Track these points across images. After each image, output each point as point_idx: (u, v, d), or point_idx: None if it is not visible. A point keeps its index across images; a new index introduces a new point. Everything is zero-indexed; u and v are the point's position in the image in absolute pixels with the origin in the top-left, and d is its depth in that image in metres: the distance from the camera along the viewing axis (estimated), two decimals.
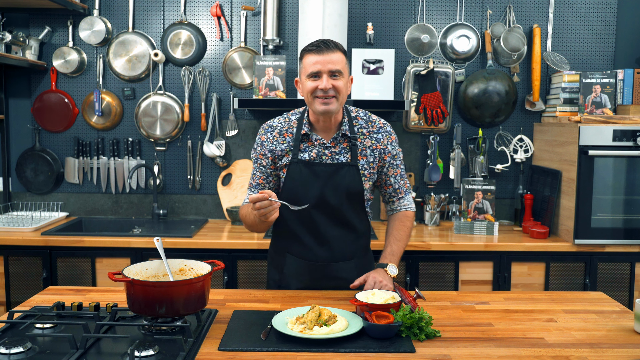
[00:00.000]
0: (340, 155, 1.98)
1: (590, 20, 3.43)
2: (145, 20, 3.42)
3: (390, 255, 2.02)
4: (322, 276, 2.04)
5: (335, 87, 1.86)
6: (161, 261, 1.78)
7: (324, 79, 1.85)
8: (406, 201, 2.11)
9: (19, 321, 1.63)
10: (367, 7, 3.41)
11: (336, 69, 1.86)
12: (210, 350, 1.51)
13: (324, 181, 1.95)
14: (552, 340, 1.62)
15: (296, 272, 2.06)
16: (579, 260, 2.95)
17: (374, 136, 2.00)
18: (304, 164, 1.96)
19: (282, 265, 2.10)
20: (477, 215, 3.14)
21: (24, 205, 3.45)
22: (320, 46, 1.87)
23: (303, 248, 2.03)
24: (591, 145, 2.88)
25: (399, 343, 1.56)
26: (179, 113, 3.42)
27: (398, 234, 2.06)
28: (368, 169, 2.00)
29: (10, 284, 2.95)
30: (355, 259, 2.07)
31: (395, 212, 2.12)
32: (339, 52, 1.88)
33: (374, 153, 2.00)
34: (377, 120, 2.04)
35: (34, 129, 3.46)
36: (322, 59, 1.85)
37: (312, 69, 1.86)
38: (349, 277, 2.01)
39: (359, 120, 2.02)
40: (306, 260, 2.04)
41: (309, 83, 1.88)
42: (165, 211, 3.42)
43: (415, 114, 3.36)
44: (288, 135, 1.99)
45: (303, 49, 1.92)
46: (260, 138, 2.03)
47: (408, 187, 2.12)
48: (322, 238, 2.01)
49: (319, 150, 1.97)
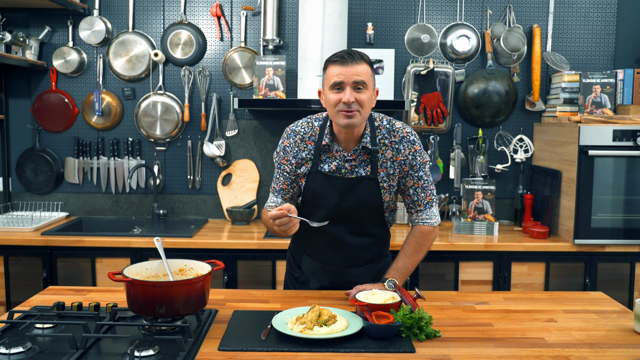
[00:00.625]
0: (360, 168, 1.92)
1: (590, 20, 3.43)
2: (145, 20, 3.42)
3: (394, 270, 1.97)
4: (336, 279, 2.04)
5: (359, 100, 1.79)
6: (161, 261, 1.77)
7: (347, 92, 1.78)
8: (425, 215, 2.00)
9: (19, 321, 1.63)
10: (367, 7, 3.41)
11: (360, 80, 1.78)
12: (210, 350, 1.51)
13: (342, 194, 1.92)
14: (552, 340, 1.62)
15: (312, 272, 2.08)
16: (579, 260, 2.95)
17: (395, 147, 1.92)
18: (323, 176, 1.93)
19: (299, 262, 2.13)
20: (477, 215, 3.14)
21: (24, 205, 3.45)
22: (344, 57, 1.79)
23: (318, 251, 2.03)
24: (591, 145, 2.88)
25: (399, 343, 1.56)
26: (179, 113, 3.42)
27: (409, 250, 2.00)
28: (388, 181, 1.94)
29: (10, 284, 2.95)
30: (369, 265, 2.05)
31: (414, 225, 2.05)
32: (364, 63, 1.81)
33: (394, 165, 1.93)
34: (401, 129, 1.94)
35: (34, 129, 3.46)
36: (346, 70, 1.78)
37: (335, 79, 1.79)
38: (362, 282, 2.00)
39: (382, 130, 1.93)
40: (320, 263, 2.04)
41: (332, 95, 1.81)
42: (165, 211, 3.42)
43: (415, 114, 3.36)
44: (310, 143, 1.95)
45: (327, 60, 1.85)
46: (283, 143, 1.98)
47: (430, 201, 2.00)
48: (337, 245, 2.00)
49: (339, 162, 1.92)
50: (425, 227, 2.01)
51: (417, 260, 2.01)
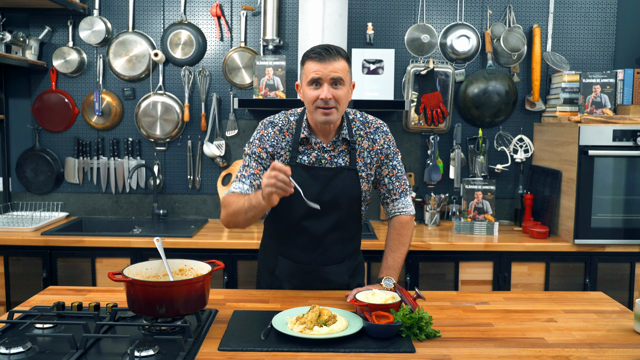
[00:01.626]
0: (339, 158, 1.97)
1: (590, 20, 3.43)
2: (145, 20, 3.42)
3: (386, 269, 1.99)
4: (313, 278, 2.04)
5: (336, 97, 1.83)
6: (161, 261, 1.78)
7: (324, 89, 1.82)
8: (401, 204, 2.06)
9: (19, 321, 1.63)
10: (367, 7, 3.41)
11: (337, 77, 1.83)
12: (210, 350, 1.51)
13: (323, 185, 1.94)
14: (552, 340, 1.62)
15: (288, 274, 2.05)
16: (579, 260, 2.95)
17: (371, 137, 2.00)
18: (303, 168, 1.95)
19: (273, 267, 2.08)
20: (477, 215, 3.14)
21: (24, 205, 3.45)
22: (322, 54, 1.82)
23: (296, 251, 2.02)
24: (591, 145, 2.88)
25: (399, 343, 1.56)
26: (179, 113, 3.42)
27: (393, 245, 2.02)
28: (365, 170, 2.00)
29: (10, 284, 2.95)
30: (346, 262, 2.07)
31: (391, 217, 2.09)
32: (341, 59, 1.85)
33: (370, 154, 2.00)
34: (374, 121, 2.03)
35: (34, 129, 3.46)
36: (324, 67, 1.82)
37: (313, 75, 1.83)
38: (340, 280, 2.04)
39: (356, 122, 2.01)
40: (298, 263, 2.03)
41: (310, 92, 1.86)
42: (165, 211, 3.42)
43: (415, 114, 3.36)
44: (288, 135, 1.98)
45: (304, 54, 1.89)
46: (260, 132, 1.99)
47: (405, 190, 2.07)
48: (315, 242, 2.00)
49: (318, 153, 1.96)
50: (402, 216, 2.06)
51: (404, 252, 2.03)
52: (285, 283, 2.07)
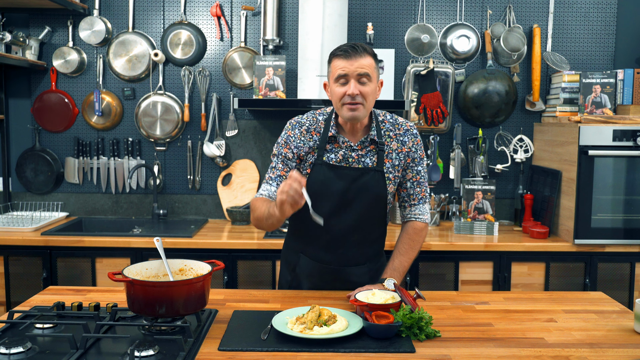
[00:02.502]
0: (367, 158, 1.95)
1: (590, 20, 3.43)
2: (145, 20, 3.42)
3: (391, 270, 1.98)
4: (333, 279, 2.03)
5: (362, 93, 1.83)
6: (161, 261, 1.77)
7: (351, 85, 1.82)
8: (418, 210, 2.05)
9: (19, 321, 1.63)
10: (367, 7, 3.41)
11: (364, 73, 1.83)
12: (210, 350, 1.51)
13: (348, 185, 1.93)
14: (552, 340, 1.62)
15: (308, 273, 2.05)
16: (579, 260, 2.95)
17: (400, 139, 1.98)
18: (329, 167, 1.94)
19: (294, 265, 2.09)
20: (477, 215, 3.14)
21: (24, 205, 3.45)
22: (348, 51, 1.83)
23: (317, 250, 2.02)
24: (591, 145, 2.88)
25: (399, 343, 1.56)
26: (179, 113, 3.42)
27: (403, 248, 2.02)
28: (393, 172, 1.97)
29: (10, 284, 2.95)
30: (368, 264, 2.05)
31: (406, 221, 2.07)
32: (368, 56, 1.85)
33: (399, 156, 1.97)
34: (404, 123, 2.01)
35: (34, 129, 3.46)
36: (350, 63, 1.82)
37: (340, 72, 1.83)
38: (360, 281, 2.01)
39: (386, 123, 1.99)
40: (319, 263, 2.03)
41: (337, 89, 1.85)
42: (165, 211, 3.42)
43: (415, 114, 3.36)
44: (315, 134, 1.97)
45: (331, 53, 1.89)
46: (287, 133, 1.99)
47: (424, 197, 2.05)
48: (337, 242, 1.99)
49: (345, 152, 1.94)
50: (417, 223, 2.05)
51: (412, 257, 2.02)
52: (305, 281, 2.06)
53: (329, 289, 2.03)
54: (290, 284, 2.10)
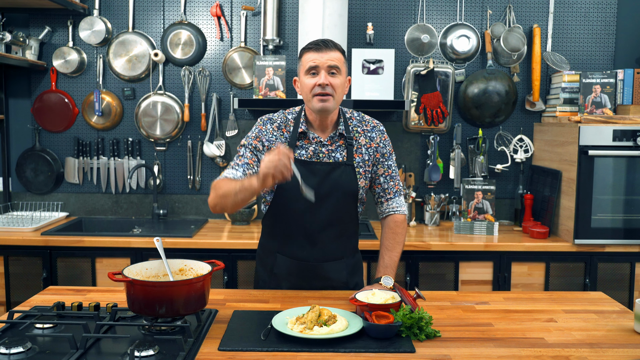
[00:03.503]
0: (337, 152, 1.99)
1: (590, 20, 3.43)
2: (145, 20, 3.42)
3: (383, 268, 2.00)
4: (312, 276, 2.04)
5: (332, 84, 1.89)
6: (161, 261, 1.78)
7: (322, 75, 1.89)
8: (395, 203, 2.09)
9: (19, 321, 1.63)
10: (367, 7, 3.41)
11: (334, 65, 1.89)
12: (210, 350, 1.51)
13: (320, 180, 1.96)
14: (552, 340, 1.62)
15: (287, 273, 2.06)
16: (579, 260, 2.95)
17: (368, 135, 2.04)
18: (301, 163, 1.97)
19: (271, 266, 2.09)
20: (477, 215, 3.14)
21: (24, 205, 3.45)
22: (319, 44, 1.91)
23: (294, 248, 2.03)
24: (591, 145, 2.88)
25: (399, 343, 1.56)
26: (179, 113, 3.42)
27: (389, 244, 2.04)
28: (363, 166, 2.02)
29: (10, 284, 2.95)
30: (345, 259, 2.07)
31: (385, 216, 2.11)
32: (337, 51, 1.93)
33: (368, 151, 2.03)
34: (371, 120, 2.08)
35: (34, 129, 3.46)
36: (321, 55, 1.89)
37: (310, 64, 1.90)
38: (338, 277, 2.05)
39: (353, 120, 2.06)
40: (297, 260, 2.04)
41: (308, 80, 1.91)
42: (165, 211, 3.42)
43: (415, 114, 3.36)
44: (286, 132, 2.01)
45: (302, 48, 1.96)
46: (258, 127, 2.03)
47: (399, 190, 2.10)
48: (314, 238, 2.00)
49: (315, 147, 1.99)
50: (397, 215, 2.09)
51: (399, 251, 2.05)
52: (284, 281, 2.07)
53: (308, 287, 2.04)
54: (269, 286, 2.10)
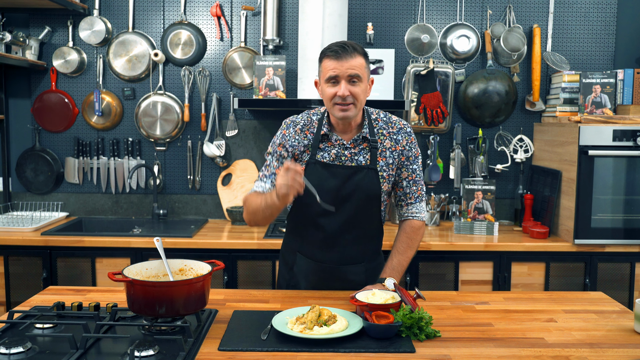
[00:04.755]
0: (360, 156, 1.95)
1: (590, 20, 3.43)
2: (145, 20, 3.42)
3: (390, 269, 1.98)
4: (330, 277, 2.03)
5: (353, 93, 1.84)
6: (161, 261, 1.78)
7: (342, 86, 1.83)
8: (415, 209, 2.05)
9: (19, 321, 1.63)
10: (367, 7, 3.41)
11: (355, 74, 1.83)
12: (210, 350, 1.51)
13: (341, 183, 1.93)
14: (552, 340, 1.62)
15: (305, 272, 2.05)
16: (579, 260, 2.95)
17: (394, 137, 1.98)
18: (322, 165, 1.95)
19: (292, 264, 2.09)
20: (477, 215, 3.14)
21: (24, 205, 3.45)
22: (338, 51, 1.83)
23: (313, 249, 2.02)
24: (591, 145, 2.88)
25: (399, 343, 1.56)
26: (179, 113, 3.42)
27: (401, 247, 2.02)
28: (387, 170, 1.97)
29: (10, 284, 2.95)
30: (365, 263, 2.05)
31: (403, 220, 2.07)
32: (358, 55, 1.85)
33: (393, 154, 1.97)
34: (398, 121, 2.01)
35: (34, 129, 3.46)
36: (340, 64, 1.82)
37: (330, 73, 1.83)
38: (357, 280, 2.01)
39: (379, 121, 1.99)
40: (315, 261, 2.03)
41: (328, 89, 1.86)
42: (165, 211, 3.42)
43: (415, 114, 3.36)
44: (309, 134, 1.98)
45: (322, 52, 1.89)
46: (282, 132, 2.01)
47: (421, 195, 2.05)
48: (333, 241, 1.99)
49: (338, 150, 1.95)
50: (415, 221, 2.05)
51: (410, 256, 2.03)
52: (303, 280, 2.06)
53: (326, 288, 2.03)
54: (289, 283, 2.10)
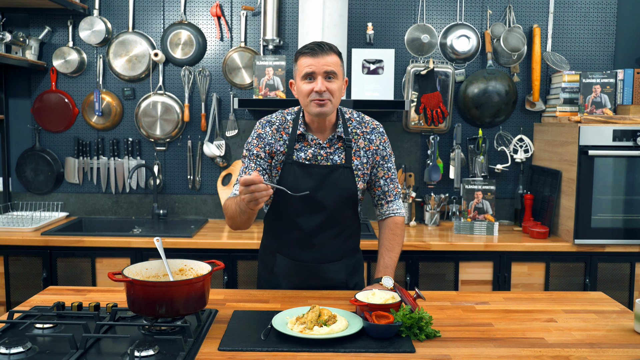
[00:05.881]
0: (335, 155, 1.98)
1: (590, 20, 3.43)
2: (145, 20, 3.42)
3: (383, 268, 2.00)
4: (311, 276, 2.05)
5: (330, 89, 1.87)
6: (161, 261, 1.78)
7: (318, 81, 1.86)
8: (395, 206, 2.09)
9: (19, 321, 1.63)
10: (367, 7, 3.41)
11: (331, 70, 1.87)
12: (210, 350, 1.51)
13: (318, 183, 1.96)
14: (552, 340, 1.62)
15: (286, 272, 2.06)
16: (579, 260, 2.95)
17: (367, 137, 2.02)
18: (299, 165, 1.96)
19: (272, 265, 2.10)
20: (477, 215, 3.14)
21: (24, 205, 3.45)
22: (314, 49, 1.88)
23: (293, 249, 2.03)
24: (591, 145, 2.88)
25: (399, 343, 1.56)
26: (179, 113, 3.42)
27: (389, 244, 2.05)
28: (362, 169, 2.01)
29: (10, 284, 2.95)
30: (344, 259, 2.07)
31: (384, 218, 2.10)
32: (333, 54, 1.90)
33: (367, 154, 2.01)
34: (370, 121, 2.05)
35: (34, 129, 3.46)
36: (317, 61, 1.86)
37: (307, 70, 1.87)
38: (337, 278, 2.05)
39: (353, 121, 2.03)
40: (296, 261, 2.04)
41: (304, 85, 1.89)
42: (165, 211, 3.42)
43: (415, 114, 3.36)
44: (285, 134, 2.00)
45: (298, 52, 1.94)
46: (257, 131, 2.01)
47: (398, 192, 2.10)
48: (312, 239, 2.00)
49: (314, 150, 1.97)
50: (397, 217, 2.09)
51: (398, 252, 2.06)
52: (284, 281, 2.07)
53: (306, 287, 2.04)
54: (269, 285, 2.11)
